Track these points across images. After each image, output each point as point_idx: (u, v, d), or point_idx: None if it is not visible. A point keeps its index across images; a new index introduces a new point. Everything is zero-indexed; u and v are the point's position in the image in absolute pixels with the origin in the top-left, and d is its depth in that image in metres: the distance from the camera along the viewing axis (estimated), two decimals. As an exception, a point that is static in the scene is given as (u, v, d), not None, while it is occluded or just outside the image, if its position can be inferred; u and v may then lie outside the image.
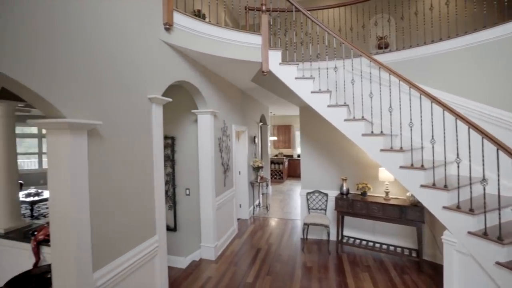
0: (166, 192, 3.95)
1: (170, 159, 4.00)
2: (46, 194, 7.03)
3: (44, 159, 10.09)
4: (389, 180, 3.89)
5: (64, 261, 1.72)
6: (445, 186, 2.50)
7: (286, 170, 11.20)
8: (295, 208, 6.85)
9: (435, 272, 3.47)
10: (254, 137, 6.73)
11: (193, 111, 3.83)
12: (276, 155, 11.97)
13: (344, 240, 4.24)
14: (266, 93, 5.92)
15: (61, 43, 1.66)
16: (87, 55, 1.86)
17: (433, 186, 2.57)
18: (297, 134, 12.40)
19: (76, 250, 1.71)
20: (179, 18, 2.95)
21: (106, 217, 2.00)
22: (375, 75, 3.34)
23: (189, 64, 3.27)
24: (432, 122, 2.75)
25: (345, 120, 3.20)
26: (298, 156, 12.11)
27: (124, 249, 2.17)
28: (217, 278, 3.41)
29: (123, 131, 2.18)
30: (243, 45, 3.31)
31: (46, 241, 2.40)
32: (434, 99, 2.58)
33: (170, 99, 2.77)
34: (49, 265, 2.16)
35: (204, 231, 3.94)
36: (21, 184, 6.67)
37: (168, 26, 2.79)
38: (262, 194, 7.24)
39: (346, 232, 4.49)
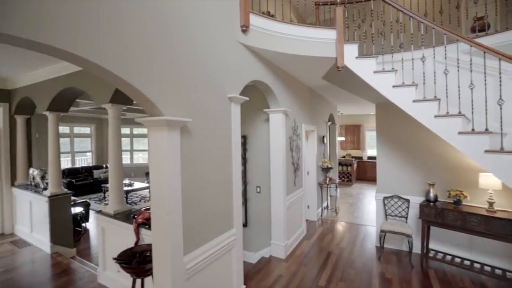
0: (238, 188, 4.14)
1: (242, 157, 4.17)
2: (136, 185, 8.26)
3: (135, 156, 11.88)
4: (494, 188, 3.23)
5: (161, 243, 1.96)
6: None
7: (355, 172, 10.50)
8: (367, 213, 6.35)
9: None
10: (323, 137, 6.51)
11: (265, 110, 3.92)
12: (344, 157, 11.35)
13: (431, 254, 3.70)
14: (336, 91, 5.65)
15: (160, 49, 1.90)
16: (179, 58, 2.08)
17: None
18: (367, 134, 11.50)
19: (170, 233, 1.93)
20: (254, 19, 3.05)
21: (193, 207, 2.20)
22: (475, 64, 2.82)
23: (263, 64, 3.36)
24: None
25: (436, 116, 2.80)
26: (369, 158, 11.22)
27: (207, 238, 2.36)
28: (287, 277, 3.40)
29: (207, 129, 2.37)
30: (317, 41, 3.21)
31: (144, 224, 2.79)
32: None
33: (247, 98, 2.89)
34: (148, 245, 2.50)
35: (274, 229, 3.98)
36: (120, 176, 8.01)
37: (245, 28, 2.92)
38: (330, 196, 6.94)
39: (432, 245, 3.91)
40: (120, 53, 1.61)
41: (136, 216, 2.91)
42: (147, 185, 8.27)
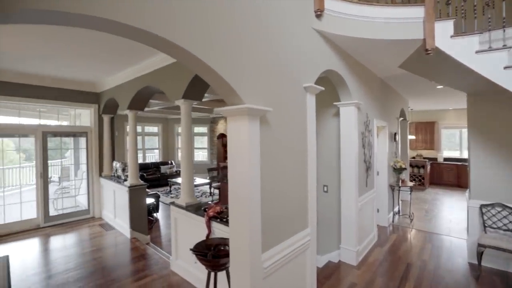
0: (304, 186, 3.92)
1: (307, 154, 3.96)
2: (197, 181, 8.71)
3: (195, 153, 12.61)
4: None
5: (240, 237, 1.88)
6: None
7: (428, 175, 9.25)
8: (449, 222, 5.49)
9: None
10: (395, 134, 5.84)
11: (335, 103, 3.63)
12: (413, 157, 10.13)
13: (555, 280, 2.92)
14: (411, 82, 5.01)
15: (241, 37, 1.83)
16: (258, 46, 1.98)
17: None
18: (443, 133, 10.07)
19: (250, 228, 1.83)
20: (328, 3, 2.81)
21: (271, 202, 2.08)
22: None
23: (335, 52, 3.08)
24: None
25: None
26: (445, 160, 9.81)
27: (283, 237, 2.21)
28: (362, 286, 3.06)
29: (284, 120, 2.23)
30: (398, 22, 2.81)
31: (215, 218, 2.81)
32: None
33: (323, 88, 2.67)
34: (220, 238, 2.48)
35: (345, 232, 3.65)
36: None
37: (319, 13, 2.70)
38: (402, 200, 6.20)
39: (554, 269, 3.10)
40: (212, 43, 1.61)
41: (207, 210, 2.95)
42: (208, 181, 8.66)
